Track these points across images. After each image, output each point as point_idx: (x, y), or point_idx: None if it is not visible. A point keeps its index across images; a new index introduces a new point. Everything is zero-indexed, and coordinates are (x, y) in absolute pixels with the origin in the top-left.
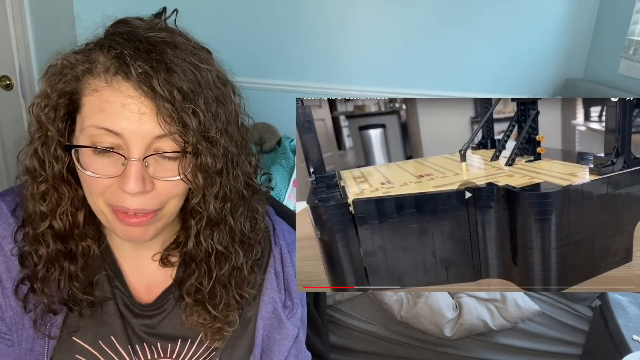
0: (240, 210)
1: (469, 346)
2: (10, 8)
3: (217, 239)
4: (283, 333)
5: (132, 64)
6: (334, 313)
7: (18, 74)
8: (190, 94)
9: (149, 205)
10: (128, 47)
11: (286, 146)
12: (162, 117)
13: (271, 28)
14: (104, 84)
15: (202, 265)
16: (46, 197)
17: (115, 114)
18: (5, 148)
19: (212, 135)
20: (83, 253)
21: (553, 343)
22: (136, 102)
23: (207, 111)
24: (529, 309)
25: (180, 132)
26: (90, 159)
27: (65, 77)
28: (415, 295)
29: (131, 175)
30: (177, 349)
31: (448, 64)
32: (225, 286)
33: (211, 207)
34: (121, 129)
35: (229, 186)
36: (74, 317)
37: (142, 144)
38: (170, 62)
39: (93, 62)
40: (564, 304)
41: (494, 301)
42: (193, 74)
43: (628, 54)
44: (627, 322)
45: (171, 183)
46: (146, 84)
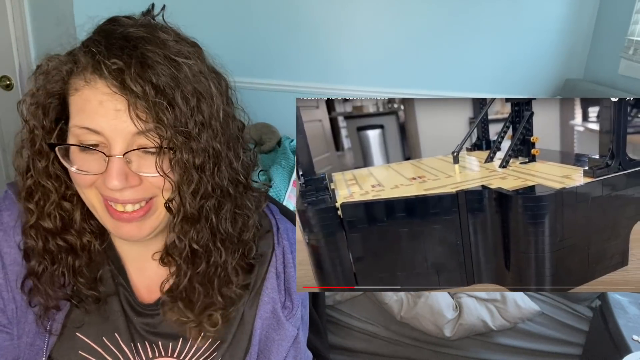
0: (226, 208)
1: (469, 346)
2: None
3: (195, 237)
4: (282, 334)
5: (105, 61)
6: (334, 313)
7: (18, 74)
8: (164, 89)
9: (139, 195)
10: (102, 45)
11: (286, 146)
12: (135, 113)
13: (271, 28)
14: (84, 82)
15: (181, 262)
16: (33, 194)
17: (94, 113)
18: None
19: (189, 131)
20: (83, 248)
21: (553, 343)
22: (111, 99)
23: (184, 105)
24: (529, 309)
25: (156, 128)
26: (77, 155)
27: (53, 77)
28: (415, 295)
29: (112, 172)
30: (178, 347)
31: (447, 64)
32: (205, 285)
33: (187, 204)
34: (100, 127)
35: (210, 183)
36: (78, 313)
37: (122, 140)
38: (144, 57)
39: (75, 63)
40: (564, 304)
41: (494, 301)
42: (169, 68)
43: (628, 54)
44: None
45: (158, 177)
46: (118, 80)
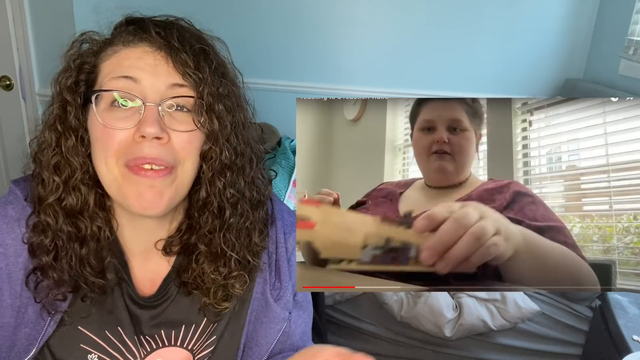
0: (247, 171)
1: (469, 346)
2: (10, 8)
3: (229, 182)
4: (269, 315)
5: (151, 28)
6: (334, 313)
7: (18, 74)
8: (201, 54)
9: (166, 156)
10: (146, 19)
11: (286, 146)
12: (177, 65)
13: (271, 28)
14: (122, 46)
15: (214, 212)
16: (59, 168)
17: (132, 66)
18: (5, 148)
19: (222, 91)
20: (93, 236)
21: (553, 343)
22: (152, 54)
23: (214, 70)
24: (529, 309)
25: (194, 82)
26: (108, 113)
27: (85, 52)
28: (415, 295)
29: (148, 119)
30: (181, 334)
31: (448, 64)
32: (238, 239)
33: (225, 154)
34: (138, 76)
35: (238, 141)
36: (81, 305)
37: (158, 90)
38: (183, 32)
39: (112, 36)
40: (564, 304)
41: (494, 301)
42: (200, 44)
43: (628, 54)
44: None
45: (185, 138)
46: (163, 38)
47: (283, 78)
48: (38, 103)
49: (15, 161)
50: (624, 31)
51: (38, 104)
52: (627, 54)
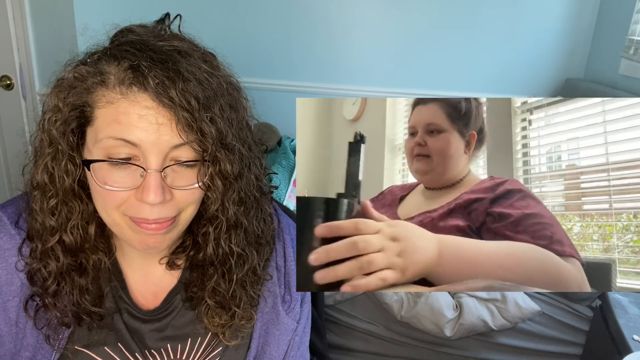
0: (253, 212)
1: (469, 346)
2: (11, 8)
3: (235, 242)
4: (281, 327)
5: (149, 74)
6: (334, 313)
7: (18, 74)
8: (206, 102)
9: (168, 214)
10: (142, 58)
11: (286, 146)
12: (181, 126)
13: (271, 28)
14: (119, 95)
15: (220, 268)
16: (56, 211)
17: (132, 125)
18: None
19: (229, 142)
20: (94, 266)
21: (553, 343)
22: (153, 112)
23: (222, 118)
24: (529, 308)
25: (198, 141)
26: (107, 172)
27: (76, 89)
28: (415, 295)
29: (151, 187)
30: (187, 348)
31: (448, 64)
32: (244, 286)
33: (230, 212)
34: (139, 140)
35: (244, 190)
36: (82, 331)
37: (160, 154)
38: (185, 71)
39: (105, 74)
40: (564, 304)
41: (494, 301)
42: (208, 81)
43: (628, 54)
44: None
45: (189, 191)
46: (164, 94)
47: (283, 78)
48: (38, 102)
49: (15, 160)
50: (624, 31)
51: (38, 103)
52: (628, 54)
